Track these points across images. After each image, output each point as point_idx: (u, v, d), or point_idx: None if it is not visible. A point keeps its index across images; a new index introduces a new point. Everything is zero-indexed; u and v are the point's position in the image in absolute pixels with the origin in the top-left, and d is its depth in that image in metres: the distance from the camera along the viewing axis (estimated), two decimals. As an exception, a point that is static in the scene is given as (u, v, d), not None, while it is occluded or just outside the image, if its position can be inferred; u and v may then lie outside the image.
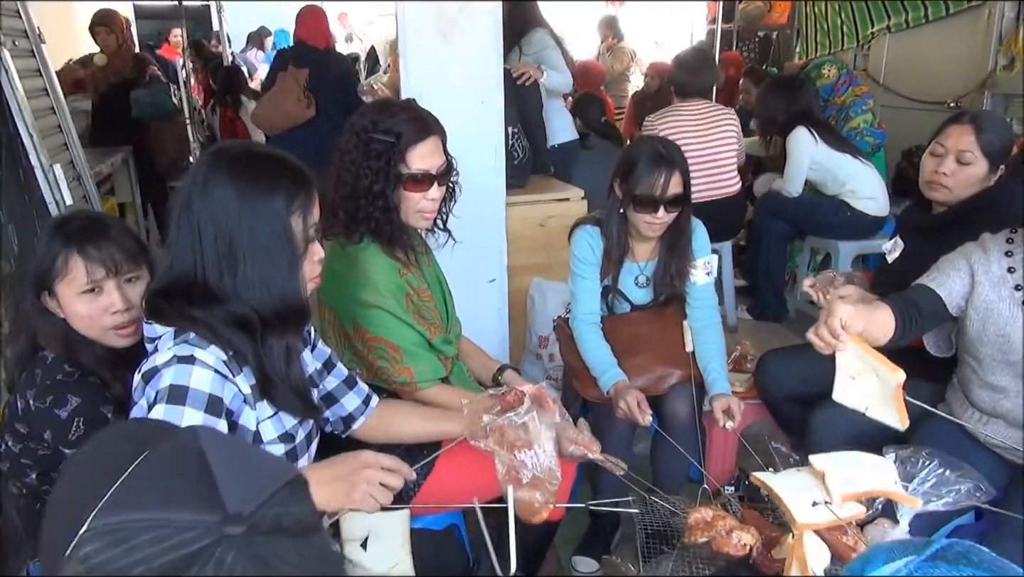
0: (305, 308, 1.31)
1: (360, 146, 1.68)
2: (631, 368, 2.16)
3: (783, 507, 1.43)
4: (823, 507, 1.41)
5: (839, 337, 1.50)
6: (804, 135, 3.68)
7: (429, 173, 1.71)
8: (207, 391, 1.17)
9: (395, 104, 1.74)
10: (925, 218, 2.18)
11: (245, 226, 1.21)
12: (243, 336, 1.23)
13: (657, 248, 2.24)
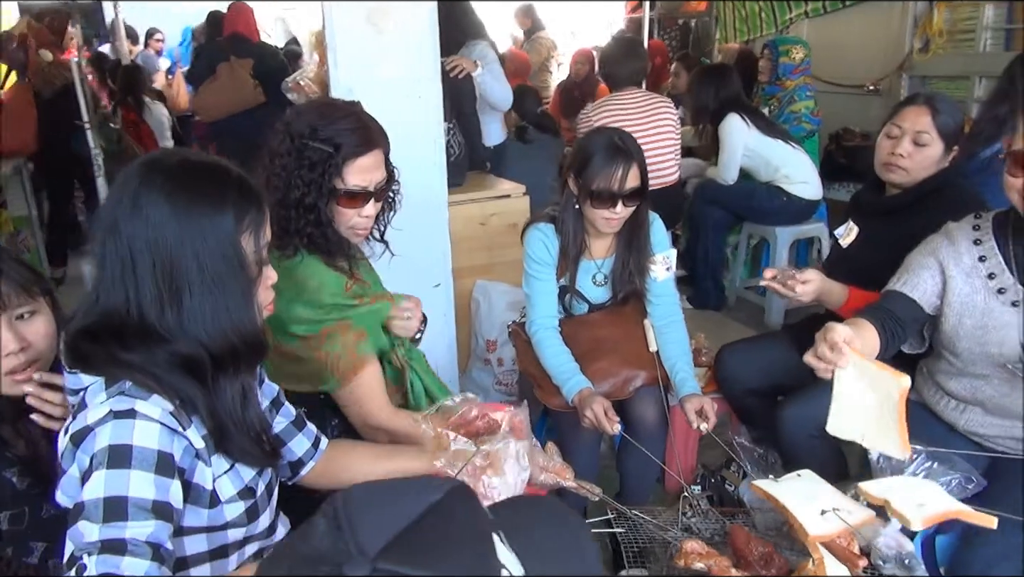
0: (263, 341, 1.14)
1: (294, 152, 1.51)
2: (594, 373, 2.05)
3: (790, 518, 1.35)
4: (832, 515, 1.33)
5: (841, 351, 1.41)
6: (737, 122, 3.67)
7: (366, 190, 1.56)
8: (155, 448, 0.99)
9: (338, 109, 1.57)
10: (879, 201, 2.15)
11: (189, 250, 1.03)
12: (190, 381, 1.05)
13: (614, 244, 2.14)
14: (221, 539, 1.12)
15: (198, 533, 1.10)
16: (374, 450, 1.50)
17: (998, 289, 1.66)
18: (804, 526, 1.31)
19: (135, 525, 0.94)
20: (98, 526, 0.93)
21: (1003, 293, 1.65)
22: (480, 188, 3.10)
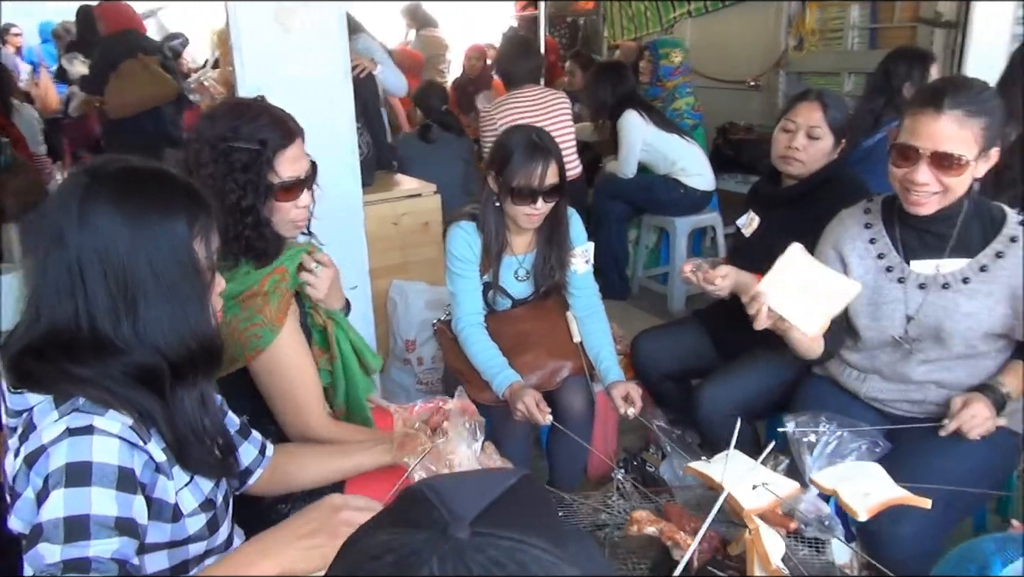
0: (220, 347, 1.11)
1: (219, 158, 1.47)
2: (522, 366, 2.09)
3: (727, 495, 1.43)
4: (763, 489, 1.42)
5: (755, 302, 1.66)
6: (635, 118, 3.80)
7: (299, 179, 1.54)
8: (115, 463, 0.96)
9: (250, 107, 1.54)
10: (777, 192, 2.29)
11: (143, 258, 1.00)
12: (148, 393, 1.02)
13: (534, 240, 2.19)
14: (182, 554, 1.09)
15: (159, 550, 1.06)
16: (324, 450, 1.47)
17: (887, 268, 1.81)
18: (739, 501, 1.40)
19: (99, 543, 0.91)
20: (59, 547, 0.89)
21: (891, 271, 1.81)
22: (390, 188, 3.08)
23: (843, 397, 1.93)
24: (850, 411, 1.81)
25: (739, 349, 2.28)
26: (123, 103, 4.32)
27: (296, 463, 1.41)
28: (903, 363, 1.83)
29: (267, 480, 1.37)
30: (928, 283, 1.76)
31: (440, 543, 0.53)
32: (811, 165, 2.15)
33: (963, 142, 1.61)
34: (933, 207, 1.70)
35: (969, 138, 1.61)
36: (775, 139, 2.22)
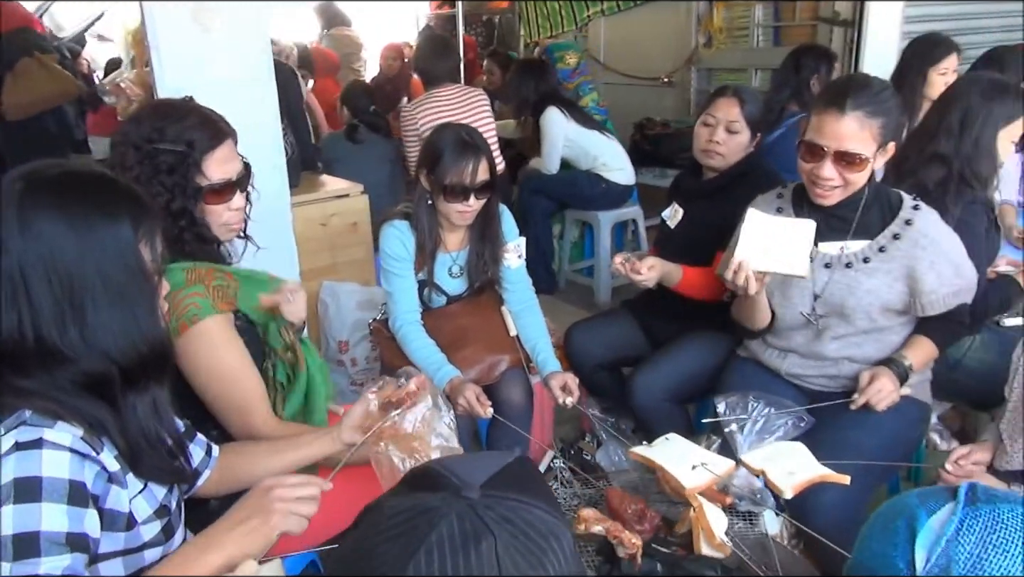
0: (170, 351, 1.10)
1: (145, 160, 1.44)
2: (461, 361, 2.12)
3: (668, 476, 1.50)
4: (701, 468, 1.50)
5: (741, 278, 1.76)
6: (556, 114, 3.88)
7: (230, 181, 1.52)
8: (66, 477, 0.93)
9: (177, 107, 1.51)
10: (699, 184, 2.39)
11: (89, 263, 0.98)
12: (97, 401, 1.00)
13: (467, 237, 2.22)
14: (138, 561, 1.08)
15: (113, 558, 1.05)
16: (271, 444, 1.45)
17: None
18: (680, 481, 1.47)
19: (49, 560, 0.89)
20: (8, 564, 0.87)
21: None
22: (317, 188, 3.05)
23: (766, 376, 2.04)
24: (774, 389, 1.91)
25: (668, 336, 2.37)
26: (21, 103, 4.13)
27: (243, 460, 1.39)
28: (817, 341, 1.95)
29: (216, 481, 1.36)
30: (833, 263, 1.89)
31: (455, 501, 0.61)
32: (730, 158, 2.26)
33: (863, 141, 1.75)
34: (836, 199, 1.83)
35: (868, 137, 1.75)
36: (696, 134, 2.32)
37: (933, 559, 0.73)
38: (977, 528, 0.72)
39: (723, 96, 2.27)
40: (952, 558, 0.72)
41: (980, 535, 0.71)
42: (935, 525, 0.74)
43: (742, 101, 2.23)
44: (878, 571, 0.77)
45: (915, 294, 1.85)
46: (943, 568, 0.72)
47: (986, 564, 0.70)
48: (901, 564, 0.75)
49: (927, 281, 1.82)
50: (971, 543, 0.72)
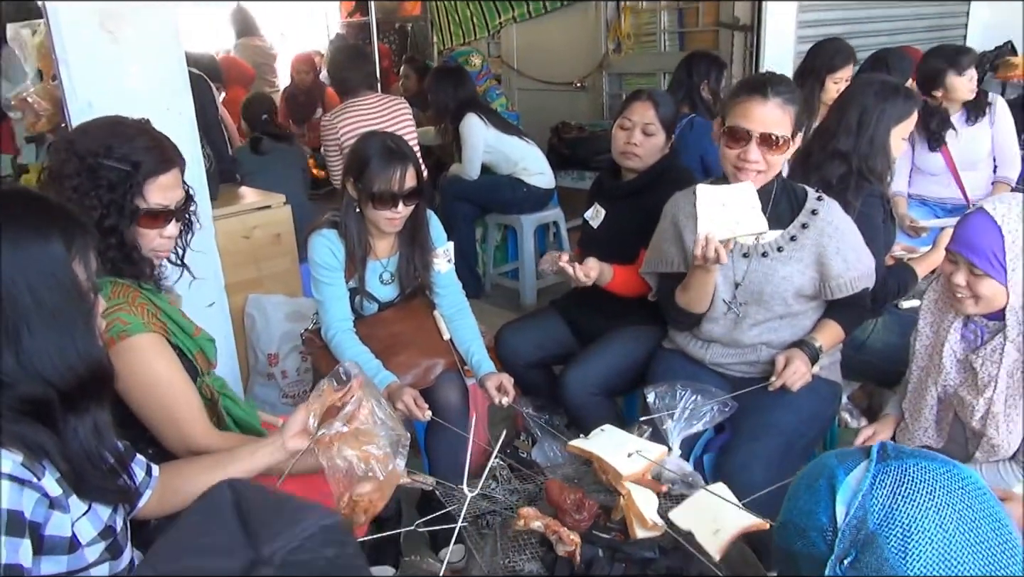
0: (111, 370, 1.08)
1: (86, 172, 1.41)
2: (397, 367, 2.14)
3: (606, 466, 1.56)
4: (636, 456, 1.56)
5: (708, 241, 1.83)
6: (476, 121, 3.92)
7: (167, 209, 1.51)
8: (3, 507, 0.92)
9: (130, 126, 1.50)
10: (619, 185, 2.48)
11: (22, 285, 0.96)
12: (37, 425, 0.98)
13: (396, 243, 2.24)
14: None
15: None
16: (213, 459, 1.43)
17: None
18: (617, 469, 1.53)
19: None
20: None
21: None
22: (238, 200, 3.00)
23: (691, 366, 2.14)
24: (699, 377, 2.01)
25: (595, 333, 2.44)
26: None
27: (184, 478, 1.37)
28: (736, 330, 2.06)
29: (157, 500, 1.33)
30: (750, 252, 2.01)
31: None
32: (647, 159, 2.35)
33: (783, 125, 1.89)
34: (759, 183, 1.94)
35: (787, 122, 1.90)
36: (614, 136, 2.41)
37: (851, 511, 0.81)
38: (888, 482, 0.80)
39: (638, 100, 2.37)
40: (868, 509, 0.80)
41: (891, 488, 0.80)
42: (852, 481, 0.82)
43: (656, 104, 2.33)
44: (804, 527, 0.85)
45: (824, 279, 1.98)
46: (860, 519, 0.80)
47: (897, 513, 0.78)
48: (824, 519, 0.83)
49: (834, 266, 1.96)
50: (883, 495, 0.80)
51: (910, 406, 1.87)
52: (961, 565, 0.75)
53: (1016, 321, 1.62)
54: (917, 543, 0.77)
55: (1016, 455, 1.68)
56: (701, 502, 1.55)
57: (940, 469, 0.81)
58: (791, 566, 0.87)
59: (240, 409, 1.75)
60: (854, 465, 0.84)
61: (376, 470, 1.29)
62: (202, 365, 1.64)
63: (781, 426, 1.93)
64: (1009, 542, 0.78)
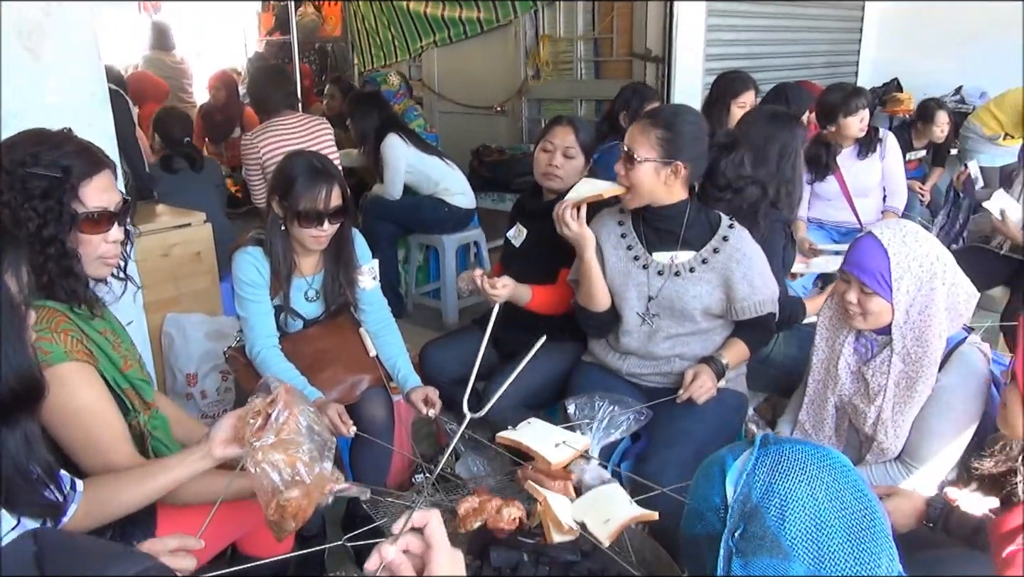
0: (42, 383, 1.07)
1: (16, 185, 1.39)
2: (323, 383, 2.15)
3: (535, 455, 1.63)
4: (564, 445, 1.65)
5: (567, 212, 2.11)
6: (397, 141, 3.98)
7: (108, 211, 1.49)
8: None
9: (54, 135, 1.48)
10: (541, 205, 2.57)
11: None
12: None
13: (321, 260, 2.26)
14: None
15: None
16: (140, 471, 1.41)
17: (634, 257, 2.19)
18: (546, 458, 1.61)
19: None
20: None
21: (637, 260, 2.18)
22: (155, 218, 2.95)
23: (609, 378, 2.25)
24: (616, 388, 2.12)
25: (517, 349, 2.51)
26: None
27: (110, 491, 1.36)
28: (651, 343, 2.19)
29: (83, 515, 1.32)
30: (664, 270, 2.14)
31: None
32: (568, 180, 2.46)
33: (642, 145, 2.05)
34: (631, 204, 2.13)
35: (646, 142, 2.04)
36: (536, 159, 2.51)
37: (738, 489, 0.94)
38: (767, 463, 0.93)
39: (559, 124, 2.48)
40: (752, 486, 0.93)
41: (770, 467, 0.93)
42: (739, 464, 0.96)
43: (576, 129, 2.45)
44: (702, 510, 0.97)
45: (731, 301, 2.13)
46: (745, 495, 0.93)
47: (776, 487, 0.91)
48: (717, 499, 0.95)
49: (740, 290, 2.10)
50: (764, 474, 0.93)
51: (811, 417, 2.02)
52: (829, 528, 0.88)
53: (900, 336, 1.78)
54: (792, 511, 0.89)
55: (901, 455, 1.84)
56: (597, 497, 1.66)
57: (811, 451, 0.94)
58: (695, 549, 0.97)
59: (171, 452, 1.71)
60: (740, 452, 0.97)
61: (303, 474, 1.32)
62: (134, 402, 1.61)
63: (693, 434, 2.05)
64: (869, 508, 0.91)
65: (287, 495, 1.34)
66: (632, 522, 1.59)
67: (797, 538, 0.88)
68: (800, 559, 0.87)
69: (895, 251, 1.73)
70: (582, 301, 2.24)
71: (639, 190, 2.09)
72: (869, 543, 0.89)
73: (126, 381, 1.59)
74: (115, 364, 1.56)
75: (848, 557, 0.87)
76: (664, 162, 2.05)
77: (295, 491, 1.34)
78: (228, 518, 1.54)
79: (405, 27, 5.95)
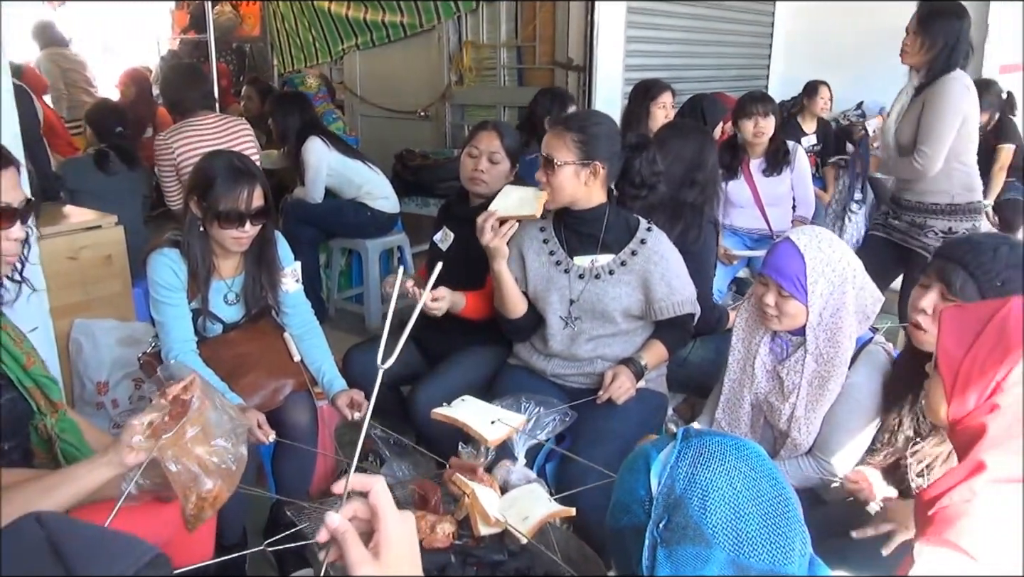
0: None
1: None
2: (243, 389, 2.10)
3: (472, 432, 1.64)
4: (499, 423, 1.66)
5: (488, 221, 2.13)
6: (318, 144, 3.92)
7: (10, 207, 1.44)
8: None
9: None
10: (468, 209, 2.58)
11: None
12: None
13: (242, 263, 2.21)
14: None
15: None
16: (44, 483, 1.35)
17: (556, 261, 2.23)
18: (483, 435, 1.62)
19: None
20: None
21: (559, 264, 2.22)
22: (63, 219, 2.82)
23: (534, 379, 2.28)
24: (542, 390, 2.15)
25: (443, 352, 2.52)
26: None
27: (16, 505, 1.28)
28: (574, 344, 2.23)
29: None
30: (585, 273, 2.19)
31: None
32: (494, 185, 2.47)
33: (559, 149, 2.10)
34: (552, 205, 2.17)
35: (562, 146, 2.10)
36: (462, 163, 2.52)
37: (662, 481, 0.97)
38: (689, 455, 0.97)
39: (484, 130, 2.50)
40: (674, 478, 0.96)
41: (692, 459, 0.96)
42: (662, 458, 0.99)
43: (501, 135, 2.47)
44: (628, 503, 1.00)
45: (649, 301, 2.19)
46: (669, 487, 0.96)
47: (698, 478, 0.95)
48: (642, 491, 0.98)
49: (658, 291, 2.16)
50: (686, 465, 0.96)
51: (727, 415, 2.09)
52: (747, 515, 0.92)
53: (814, 337, 1.87)
54: (713, 501, 0.93)
55: (812, 450, 1.94)
56: (519, 496, 1.69)
57: (730, 443, 0.98)
58: (621, 541, 1.00)
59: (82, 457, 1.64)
60: (664, 445, 1.01)
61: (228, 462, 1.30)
62: (40, 403, 1.54)
63: (616, 433, 2.10)
64: (783, 495, 0.96)
65: (208, 486, 1.32)
66: (550, 519, 1.62)
67: (718, 526, 0.92)
68: (721, 546, 0.91)
69: (811, 256, 1.82)
70: (497, 307, 2.29)
71: (560, 194, 2.14)
72: (784, 528, 0.93)
73: (29, 379, 1.53)
74: (17, 361, 1.51)
75: (764, 541, 0.92)
76: (583, 164, 2.11)
77: (209, 482, 1.32)
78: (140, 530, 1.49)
79: (326, 29, 5.86)
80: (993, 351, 1.15)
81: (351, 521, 0.82)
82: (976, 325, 1.18)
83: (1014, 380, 1.12)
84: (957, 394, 1.17)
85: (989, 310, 1.19)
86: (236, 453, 1.33)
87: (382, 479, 0.85)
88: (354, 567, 0.79)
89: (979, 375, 1.15)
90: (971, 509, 1.08)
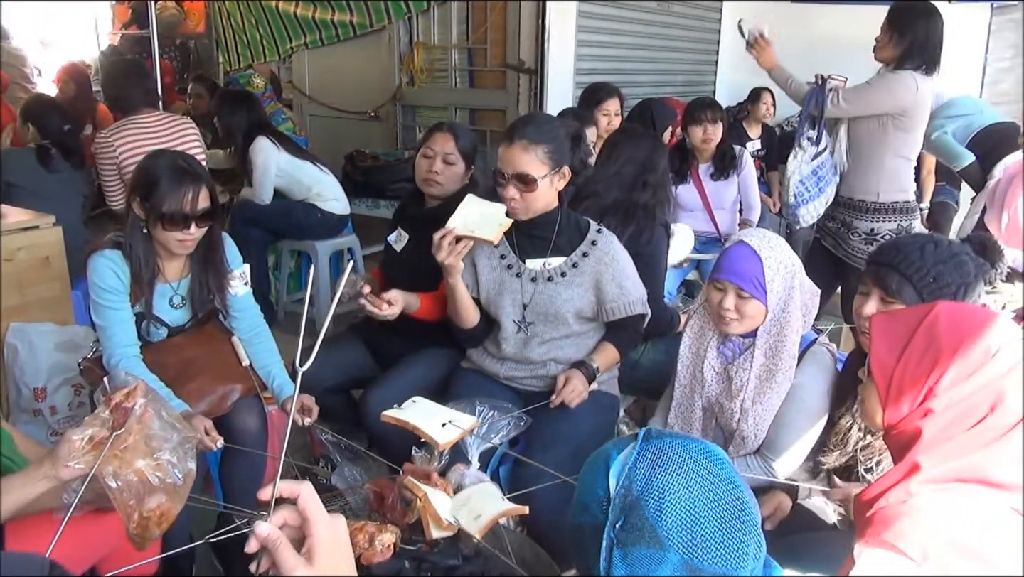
0: None
1: None
2: (189, 394, 2.05)
3: (422, 434, 1.62)
4: (451, 425, 1.66)
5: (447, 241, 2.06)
6: (266, 144, 3.85)
7: None
8: None
9: None
10: (422, 210, 2.56)
11: None
12: None
13: (188, 265, 2.15)
14: None
15: None
16: None
17: (507, 265, 2.24)
18: (434, 437, 1.60)
19: None
20: None
21: (511, 268, 2.23)
22: (-4, 219, 2.71)
23: (488, 383, 2.28)
24: (495, 393, 2.15)
25: (395, 356, 2.50)
26: None
27: None
28: (526, 347, 2.24)
29: None
30: (537, 277, 2.21)
31: None
32: (448, 186, 2.46)
33: (531, 164, 2.09)
34: (523, 216, 2.15)
35: (535, 160, 2.09)
36: (417, 164, 2.50)
37: (621, 481, 0.97)
38: (648, 456, 0.98)
39: (439, 131, 2.48)
40: (632, 479, 0.97)
41: (650, 460, 0.97)
42: (622, 458, 0.99)
43: (456, 136, 2.46)
44: (587, 502, 1.00)
45: (601, 302, 2.21)
46: (627, 488, 0.96)
47: (655, 480, 0.95)
48: (600, 491, 0.99)
49: (609, 292, 2.18)
50: (645, 467, 0.97)
51: (679, 420, 2.12)
52: (702, 519, 0.93)
53: (765, 333, 1.91)
54: (669, 503, 0.93)
55: (760, 449, 1.97)
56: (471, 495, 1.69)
57: (689, 445, 0.99)
58: (581, 542, 1.01)
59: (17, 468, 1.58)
60: (624, 446, 1.02)
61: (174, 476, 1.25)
62: None
63: (569, 436, 2.11)
64: (740, 499, 0.97)
65: (151, 505, 1.27)
66: (503, 516, 1.62)
67: (673, 529, 0.92)
68: (675, 549, 0.92)
69: (766, 256, 1.86)
70: (450, 315, 2.27)
71: (536, 204, 2.14)
72: (739, 532, 0.94)
73: None
74: None
75: (719, 545, 0.93)
76: (554, 172, 2.13)
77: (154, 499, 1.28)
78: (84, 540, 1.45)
79: (274, 27, 5.76)
80: (924, 357, 1.17)
81: (282, 529, 0.82)
82: (906, 332, 1.20)
83: (946, 384, 1.14)
84: (891, 401, 1.19)
85: (918, 316, 1.21)
86: (183, 468, 1.29)
87: (309, 484, 0.85)
88: (288, 573, 0.78)
89: (912, 382, 1.17)
90: (907, 510, 1.11)
